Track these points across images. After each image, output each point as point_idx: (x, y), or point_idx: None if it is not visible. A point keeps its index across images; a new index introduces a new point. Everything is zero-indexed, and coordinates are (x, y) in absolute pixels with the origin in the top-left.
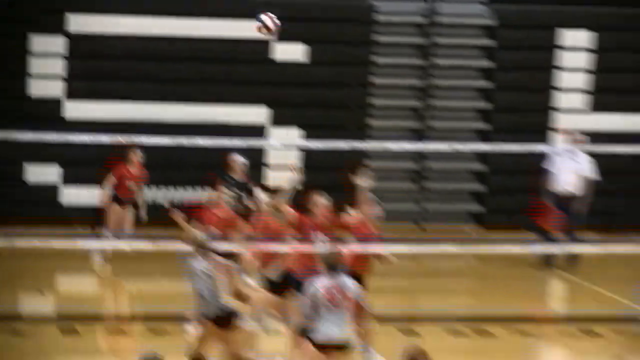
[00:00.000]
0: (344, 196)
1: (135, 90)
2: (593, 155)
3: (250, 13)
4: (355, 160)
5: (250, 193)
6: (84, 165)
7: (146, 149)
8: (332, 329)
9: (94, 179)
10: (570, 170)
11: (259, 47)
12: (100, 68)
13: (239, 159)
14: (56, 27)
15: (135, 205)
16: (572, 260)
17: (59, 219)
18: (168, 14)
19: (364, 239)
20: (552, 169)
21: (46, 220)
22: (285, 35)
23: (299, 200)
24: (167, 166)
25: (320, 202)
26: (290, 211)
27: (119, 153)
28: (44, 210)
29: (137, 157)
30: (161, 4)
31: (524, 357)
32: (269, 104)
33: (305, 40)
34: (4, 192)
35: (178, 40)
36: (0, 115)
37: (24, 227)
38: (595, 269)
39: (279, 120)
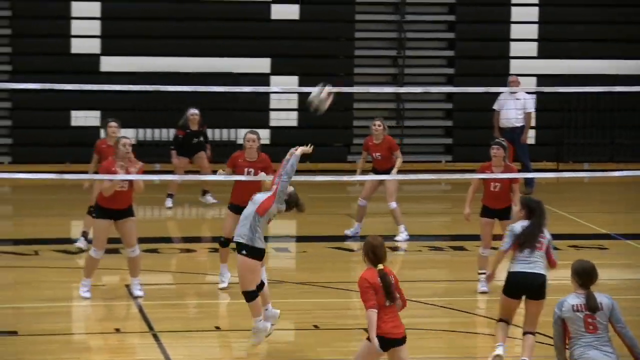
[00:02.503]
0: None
1: (158, 46)
2: (541, 94)
3: None
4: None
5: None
6: (119, 110)
7: (169, 95)
8: None
9: (128, 122)
10: (512, 107)
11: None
12: (129, 28)
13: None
14: None
15: None
16: (529, 185)
17: None
18: None
19: None
20: (498, 108)
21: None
22: None
23: None
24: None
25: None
26: None
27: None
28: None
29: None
30: None
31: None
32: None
33: (298, 1)
34: (53, 135)
35: (195, 2)
36: (48, 70)
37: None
38: (550, 194)
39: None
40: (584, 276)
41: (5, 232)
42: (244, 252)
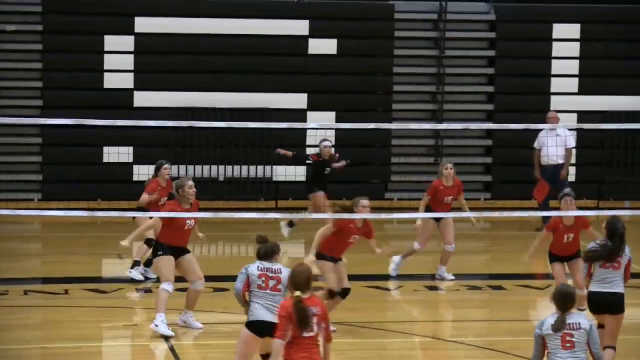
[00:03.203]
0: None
1: (192, 81)
2: (582, 131)
3: (289, 13)
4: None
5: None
6: (152, 146)
7: (203, 131)
8: None
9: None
10: (553, 145)
11: (297, 42)
12: (163, 62)
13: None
14: (126, 28)
15: None
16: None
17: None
18: (222, 16)
19: None
20: (538, 146)
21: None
22: (318, 31)
23: None
24: (222, 146)
25: None
26: None
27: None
28: (119, 186)
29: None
30: (216, 8)
31: (530, 308)
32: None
33: (335, 36)
34: (85, 170)
35: (231, 37)
36: (81, 104)
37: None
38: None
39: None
40: (560, 299)
41: (35, 271)
42: None
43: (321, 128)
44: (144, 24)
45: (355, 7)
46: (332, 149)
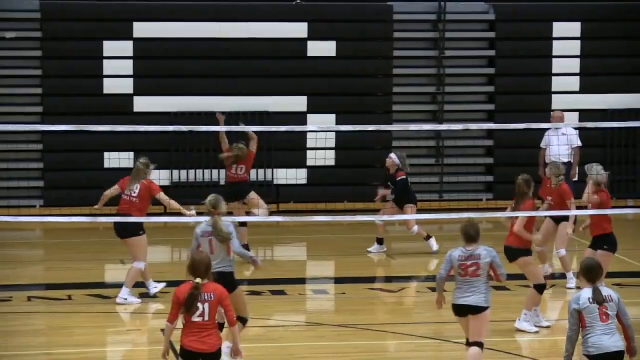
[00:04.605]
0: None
1: (191, 85)
2: (584, 129)
3: (288, 15)
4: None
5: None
6: (153, 150)
7: (203, 135)
8: None
9: (162, 163)
10: (558, 144)
11: (296, 45)
12: (163, 67)
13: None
14: (125, 33)
15: None
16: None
17: None
18: (220, 20)
19: None
20: (544, 145)
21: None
22: (317, 33)
23: None
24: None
25: None
26: None
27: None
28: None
29: None
30: (214, 11)
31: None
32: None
33: (334, 38)
34: (86, 176)
35: (229, 41)
36: (81, 110)
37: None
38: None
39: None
40: (590, 272)
41: (37, 277)
42: None
43: (321, 131)
44: (143, 29)
45: (353, 8)
46: (394, 161)
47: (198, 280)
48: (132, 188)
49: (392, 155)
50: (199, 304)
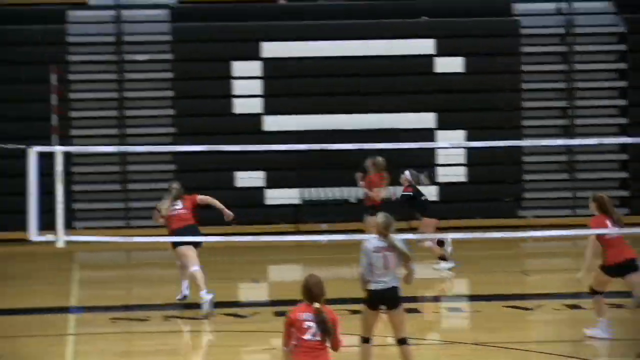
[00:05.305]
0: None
1: (320, 103)
2: None
3: (415, 32)
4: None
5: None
6: (283, 169)
7: (333, 153)
8: None
9: (292, 182)
10: None
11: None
12: (291, 86)
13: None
14: (253, 53)
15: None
16: None
17: (265, 217)
18: (347, 38)
19: None
20: None
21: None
22: (444, 50)
23: None
24: (350, 167)
25: None
26: None
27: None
28: (251, 210)
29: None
30: (341, 30)
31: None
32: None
33: (462, 54)
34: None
35: (356, 59)
36: (211, 130)
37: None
38: None
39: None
40: None
41: (172, 297)
42: None
43: (452, 147)
44: (270, 49)
45: (479, 23)
46: (407, 178)
47: (316, 304)
48: (175, 207)
49: (406, 172)
50: (311, 324)
